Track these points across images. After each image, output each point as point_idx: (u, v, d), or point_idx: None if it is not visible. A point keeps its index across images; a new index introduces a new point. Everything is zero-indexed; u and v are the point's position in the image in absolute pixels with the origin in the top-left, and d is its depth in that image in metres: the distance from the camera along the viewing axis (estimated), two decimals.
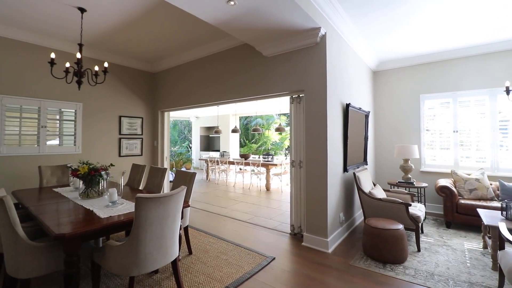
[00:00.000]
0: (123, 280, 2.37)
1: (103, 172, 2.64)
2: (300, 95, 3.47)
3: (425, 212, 4.23)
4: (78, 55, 3.17)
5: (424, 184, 4.22)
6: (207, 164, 8.86)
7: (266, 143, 11.84)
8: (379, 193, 3.65)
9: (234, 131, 8.49)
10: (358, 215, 4.16)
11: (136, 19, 3.55)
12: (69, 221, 1.99)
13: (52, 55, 3.03)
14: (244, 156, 7.84)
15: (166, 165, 5.45)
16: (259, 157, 8.16)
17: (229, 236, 3.49)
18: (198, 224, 3.98)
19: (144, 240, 1.85)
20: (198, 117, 12.13)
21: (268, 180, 6.86)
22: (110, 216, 2.12)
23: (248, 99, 4.09)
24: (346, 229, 3.58)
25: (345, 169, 3.57)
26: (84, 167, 2.58)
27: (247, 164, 7.54)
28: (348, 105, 3.58)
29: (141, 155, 5.42)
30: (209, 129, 12.46)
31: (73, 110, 4.48)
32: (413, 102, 4.89)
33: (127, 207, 2.36)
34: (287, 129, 10.71)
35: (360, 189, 3.48)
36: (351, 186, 3.86)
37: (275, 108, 9.03)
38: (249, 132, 12.34)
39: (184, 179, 3.13)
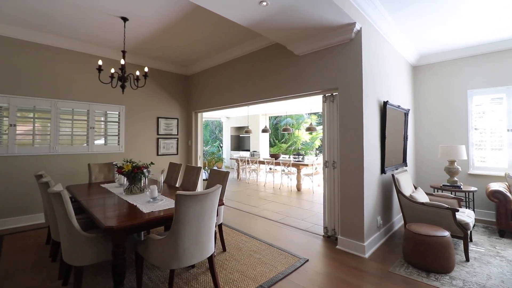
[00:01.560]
0: (163, 272, 2.51)
1: (144, 170, 2.81)
2: (334, 94, 3.38)
3: (474, 218, 3.87)
4: (122, 61, 3.41)
5: (473, 188, 3.86)
6: (238, 164, 9.01)
7: (296, 143, 11.70)
8: (421, 197, 3.42)
9: (264, 131, 8.53)
10: (397, 220, 3.93)
11: (172, 26, 3.72)
12: (116, 215, 2.15)
13: (100, 62, 3.30)
14: (274, 156, 7.84)
15: (200, 164, 5.64)
16: (289, 157, 8.10)
17: (261, 235, 3.51)
18: (231, 222, 4.06)
19: (183, 235, 1.93)
20: (229, 117, 12.37)
21: (299, 181, 6.78)
22: (152, 211, 2.25)
23: (279, 99, 4.07)
24: (384, 234, 3.40)
25: (382, 171, 3.39)
26: (128, 165, 2.77)
27: (277, 164, 7.52)
28: (385, 103, 3.40)
29: (177, 154, 5.67)
30: (239, 129, 12.65)
31: (117, 112, 4.84)
32: (459, 99, 4.49)
33: (166, 203, 2.49)
34: (318, 128, 10.48)
35: (399, 192, 3.28)
36: (389, 189, 3.66)
37: (305, 107, 8.90)
38: (278, 132, 12.30)
39: (218, 177, 3.21)
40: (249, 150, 11.31)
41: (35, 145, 4.01)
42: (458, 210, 2.88)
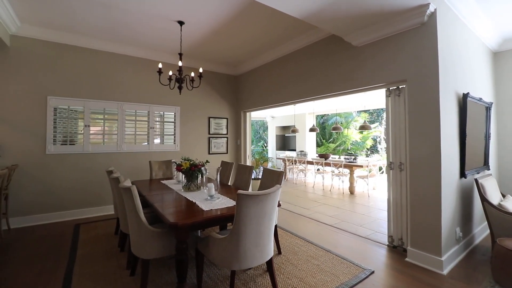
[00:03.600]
0: (221, 271, 2.50)
1: (202, 168, 2.85)
2: (400, 87, 3.02)
3: None
4: (180, 63, 3.54)
5: None
6: (285, 164, 8.85)
7: (345, 142, 11.07)
8: None
9: (312, 130, 8.21)
10: (478, 232, 3.36)
11: (224, 26, 3.76)
12: (179, 211, 2.20)
13: (160, 65, 3.48)
14: (323, 156, 7.50)
15: (249, 163, 5.64)
16: (339, 157, 7.67)
17: (315, 240, 3.31)
18: (283, 224, 3.94)
19: (244, 236, 1.87)
20: (274, 117, 12.28)
21: (352, 183, 6.34)
22: (211, 209, 2.25)
23: (335, 95, 3.82)
24: (463, 248, 2.92)
25: (462, 175, 2.91)
26: (186, 163, 2.85)
27: (327, 164, 7.17)
28: (465, 96, 2.92)
29: (227, 153, 5.78)
30: (284, 128, 12.46)
31: (173, 113, 5.10)
32: None
33: (223, 201, 2.47)
34: (373, 126, 9.72)
35: (485, 200, 2.78)
36: (468, 196, 3.14)
37: (357, 104, 8.33)
38: (326, 131, 11.79)
39: (272, 177, 3.11)
40: (294, 150, 11.06)
41: (104, 144, 4.44)
42: None
